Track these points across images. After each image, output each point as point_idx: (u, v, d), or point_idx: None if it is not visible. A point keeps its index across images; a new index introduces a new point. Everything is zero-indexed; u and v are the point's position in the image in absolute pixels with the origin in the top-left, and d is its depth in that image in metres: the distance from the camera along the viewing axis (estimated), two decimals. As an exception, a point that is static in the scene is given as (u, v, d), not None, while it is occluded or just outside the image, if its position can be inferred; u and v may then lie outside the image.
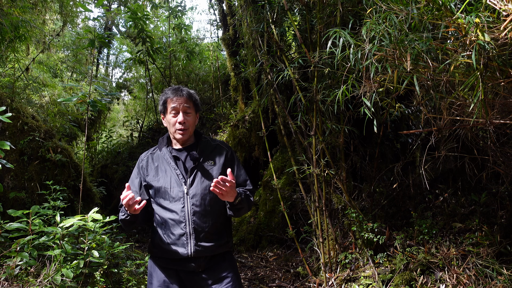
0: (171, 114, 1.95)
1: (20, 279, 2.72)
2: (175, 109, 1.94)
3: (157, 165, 1.99)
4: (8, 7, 4.59)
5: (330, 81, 3.38)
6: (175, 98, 1.94)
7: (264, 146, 5.47)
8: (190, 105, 1.97)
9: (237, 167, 2.03)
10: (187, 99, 1.96)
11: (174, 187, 1.90)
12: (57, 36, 8.76)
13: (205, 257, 1.88)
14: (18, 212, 2.89)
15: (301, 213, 4.79)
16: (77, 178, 4.70)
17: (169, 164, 1.96)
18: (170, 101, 1.96)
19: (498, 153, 2.91)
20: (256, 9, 3.97)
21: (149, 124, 9.87)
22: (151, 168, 1.99)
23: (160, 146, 2.04)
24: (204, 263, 1.88)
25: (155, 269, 1.95)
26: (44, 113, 6.04)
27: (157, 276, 1.93)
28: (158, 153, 2.03)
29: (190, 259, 1.86)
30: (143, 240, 6.14)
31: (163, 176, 1.94)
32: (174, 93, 1.96)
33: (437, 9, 1.98)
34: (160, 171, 1.96)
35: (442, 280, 2.89)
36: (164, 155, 1.99)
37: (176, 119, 1.94)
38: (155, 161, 2.01)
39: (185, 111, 1.94)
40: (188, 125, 1.95)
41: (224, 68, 8.85)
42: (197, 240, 1.85)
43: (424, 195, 4.01)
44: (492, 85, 2.15)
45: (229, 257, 1.98)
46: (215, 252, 1.90)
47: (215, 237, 1.90)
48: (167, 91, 2.00)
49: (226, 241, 1.95)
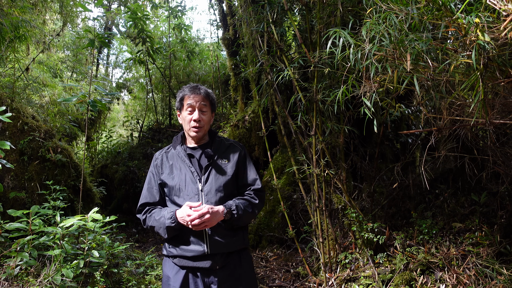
0: (187, 111, 1.98)
1: (20, 279, 2.72)
2: (191, 106, 1.97)
3: (172, 163, 2.00)
4: (8, 7, 4.59)
5: (330, 81, 3.38)
6: (192, 96, 1.97)
7: (264, 146, 5.48)
8: (207, 103, 2.00)
9: (248, 166, 2.07)
10: (204, 98, 1.99)
11: (189, 184, 1.92)
12: (57, 36, 8.76)
13: (221, 254, 1.88)
14: (18, 212, 2.90)
15: (301, 213, 4.79)
16: (77, 178, 4.70)
17: (183, 161, 1.97)
18: (187, 98, 1.99)
19: (498, 153, 2.91)
20: (256, 9, 3.97)
21: (149, 124, 9.87)
22: (165, 166, 2.01)
23: (175, 145, 2.06)
24: (221, 260, 1.88)
25: (172, 271, 1.93)
26: (44, 113, 6.03)
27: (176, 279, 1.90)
28: (172, 152, 2.05)
29: (207, 256, 1.86)
30: (143, 240, 6.14)
31: (178, 174, 1.95)
32: (192, 90, 1.99)
33: (437, 9, 1.98)
34: (175, 169, 1.98)
35: (442, 280, 2.89)
36: (179, 153, 2.01)
37: (191, 116, 1.96)
38: (169, 159, 2.02)
39: (201, 109, 1.98)
40: (203, 123, 1.98)
41: (224, 68, 8.85)
42: (212, 236, 1.86)
43: (424, 195, 4.01)
44: (492, 85, 2.15)
45: (245, 256, 1.99)
46: (231, 249, 1.91)
47: (230, 233, 1.91)
48: (185, 88, 2.03)
49: (241, 237, 1.95)
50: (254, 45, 4.37)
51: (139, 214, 2.01)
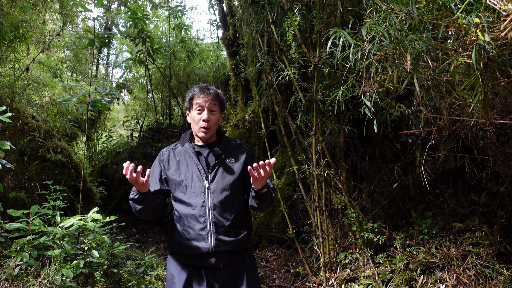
0: (196, 111, 1.99)
1: (20, 279, 2.72)
2: (200, 106, 1.97)
3: (179, 159, 2.01)
4: (8, 7, 4.59)
5: (330, 81, 3.38)
6: (202, 96, 1.98)
7: (264, 146, 5.47)
8: (216, 103, 2.01)
9: None
10: (214, 98, 2.00)
11: (196, 182, 1.92)
12: (57, 36, 8.76)
13: (225, 252, 1.89)
14: (18, 212, 2.89)
15: (301, 213, 4.79)
16: (77, 178, 4.70)
17: (191, 158, 1.99)
18: (196, 98, 1.99)
19: (498, 153, 2.91)
20: (256, 9, 3.97)
21: (149, 124, 9.87)
22: (172, 163, 2.01)
23: (183, 142, 2.07)
24: (225, 258, 1.89)
25: (176, 269, 1.94)
26: (44, 113, 6.03)
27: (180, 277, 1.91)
28: (180, 148, 2.05)
29: (211, 254, 1.87)
30: (143, 240, 6.14)
31: (185, 171, 1.96)
32: (202, 90, 2.00)
33: (437, 9, 1.98)
34: (182, 165, 1.98)
35: (442, 280, 2.89)
36: (187, 150, 2.02)
37: (200, 116, 1.97)
38: (176, 155, 2.03)
39: (211, 109, 1.98)
40: (212, 124, 1.99)
41: (224, 68, 8.85)
42: (217, 234, 1.86)
43: (424, 195, 4.01)
44: (492, 85, 2.15)
45: (248, 255, 2.00)
46: (236, 247, 1.91)
47: (235, 231, 1.92)
48: (195, 88, 2.04)
49: (246, 236, 1.96)
50: (254, 45, 4.37)
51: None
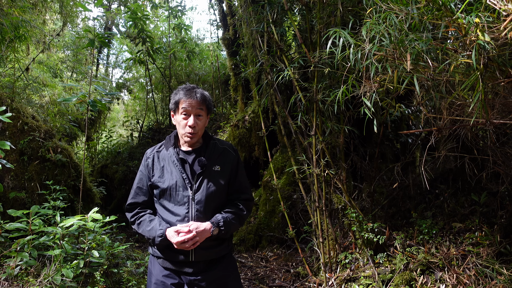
0: (182, 115, 1.90)
1: (20, 279, 2.72)
2: (186, 111, 1.88)
3: (163, 165, 1.94)
4: (8, 7, 4.59)
5: (330, 81, 3.38)
6: (188, 101, 1.88)
7: (264, 146, 5.47)
8: (203, 107, 1.91)
9: (240, 173, 2.01)
10: (200, 102, 1.90)
11: (180, 191, 1.87)
12: (57, 36, 8.76)
13: (204, 261, 1.88)
14: (18, 212, 2.90)
15: (301, 213, 4.79)
16: (77, 178, 4.70)
17: (175, 166, 1.91)
18: (182, 102, 1.89)
19: (498, 153, 2.91)
20: (256, 9, 3.97)
21: (149, 124, 9.88)
22: (156, 168, 1.95)
23: (167, 146, 1.99)
24: (204, 265, 1.88)
25: (154, 267, 1.95)
26: (44, 113, 6.03)
27: (156, 275, 1.92)
28: (164, 153, 1.98)
29: (190, 263, 1.86)
30: (143, 240, 6.13)
31: (169, 178, 1.90)
32: (188, 94, 1.89)
33: (437, 9, 1.98)
34: (166, 172, 1.92)
35: (442, 280, 2.89)
36: (171, 156, 1.94)
37: (186, 122, 1.89)
38: (161, 160, 1.96)
39: (197, 114, 1.89)
40: (198, 129, 1.91)
41: (224, 68, 8.85)
42: (198, 247, 1.83)
43: (424, 195, 4.01)
44: (492, 85, 2.15)
45: (228, 257, 1.98)
46: (215, 256, 1.91)
47: (217, 242, 1.90)
48: (180, 91, 1.94)
49: (226, 245, 1.95)
50: (254, 45, 4.37)
51: (128, 212, 1.99)
